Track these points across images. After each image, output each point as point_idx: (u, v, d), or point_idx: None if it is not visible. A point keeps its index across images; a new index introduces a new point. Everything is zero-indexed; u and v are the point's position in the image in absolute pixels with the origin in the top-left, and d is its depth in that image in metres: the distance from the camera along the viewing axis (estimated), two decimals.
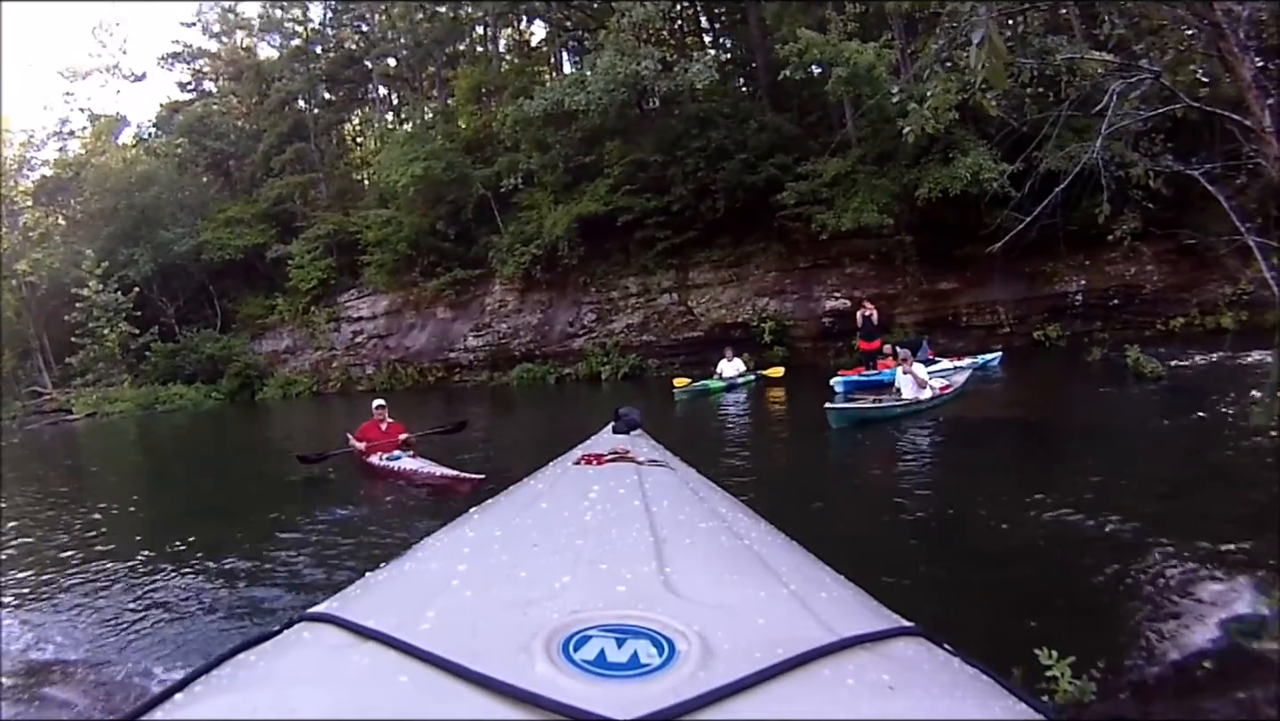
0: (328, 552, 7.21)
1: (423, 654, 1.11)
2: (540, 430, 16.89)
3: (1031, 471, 8.13)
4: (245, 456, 17.24)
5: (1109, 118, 5.46)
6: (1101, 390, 12.97)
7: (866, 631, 1.25)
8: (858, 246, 21.48)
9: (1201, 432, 8.99)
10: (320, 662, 1.19)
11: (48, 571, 7.51)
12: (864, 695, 1.06)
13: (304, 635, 1.31)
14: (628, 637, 1.14)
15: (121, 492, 13.59)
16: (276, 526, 8.42)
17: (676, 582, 1.39)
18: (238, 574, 6.78)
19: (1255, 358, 13.18)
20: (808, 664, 1.08)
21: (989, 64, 2.61)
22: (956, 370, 14.63)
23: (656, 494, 2.15)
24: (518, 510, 2.10)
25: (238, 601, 6.05)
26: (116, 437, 26.28)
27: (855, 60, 18.23)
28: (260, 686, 1.13)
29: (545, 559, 1.58)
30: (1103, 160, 7.92)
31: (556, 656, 1.10)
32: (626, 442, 3.21)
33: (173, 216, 37.74)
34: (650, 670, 1.06)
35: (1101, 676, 3.37)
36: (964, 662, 1.26)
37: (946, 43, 6.61)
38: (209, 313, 38.28)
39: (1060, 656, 3.23)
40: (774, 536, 1.99)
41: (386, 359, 31.89)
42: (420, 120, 35.06)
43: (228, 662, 1.21)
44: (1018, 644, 3.41)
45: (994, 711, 1.13)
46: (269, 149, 38.62)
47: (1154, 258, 19.04)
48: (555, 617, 1.22)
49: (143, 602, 6.18)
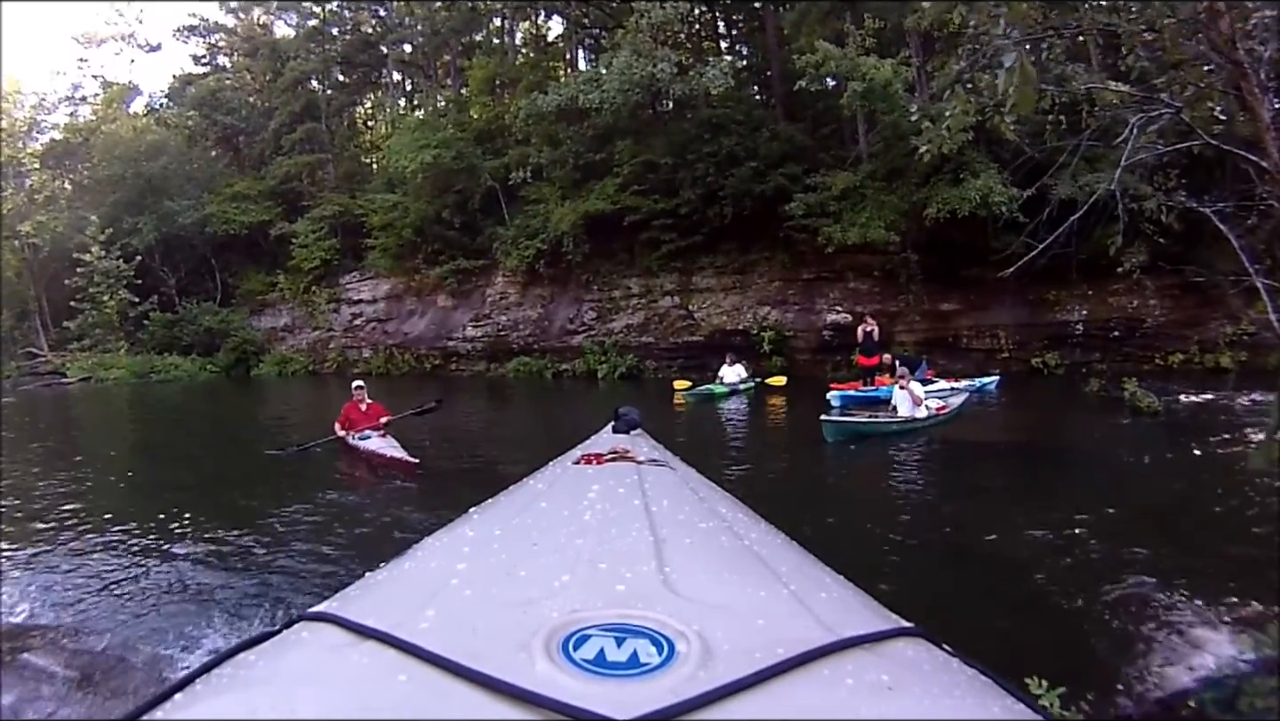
0: (308, 531, 7.29)
1: (423, 653, 1.11)
2: (534, 425, 16.95)
3: (1023, 498, 8.11)
4: (237, 431, 17.19)
5: (1129, 149, 5.45)
6: (1098, 421, 12.95)
7: (866, 631, 1.25)
8: (862, 261, 21.44)
9: (1196, 471, 8.99)
10: (320, 662, 1.19)
11: (33, 535, 7.51)
12: (863, 695, 1.06)
13: (304, 634, 1.31)
14: (627, 637, 1.14)
15: (111, 459, 13.60)
16: (260, 504, 8.46)
17: (676, 582, 1.39)
18: (221, 549, 6.80)
19: (1252, 400, 13.20)
20: (807, 664, 1.09)
21: (1018, 89, 2.60)
22: (954, 391, 14.63)
23: (656, 493, 2.15)
24: (517, 509, 2.10)
25: (218, 576, 6.07)
26: (110, 403, 26.29)
27: (872, 75, 18.23)
28: (261, 686, 1.13)
29: (545, 558, 1.58)
30: (1119, 192, 7.91)
31: (556, 655, 1.10)
32: (626, 442, 3.20)
33: (179, 188, 37.79)
34: (650, 669, 1.06)
35: (1090, 709, 3.37)
36: (963, 663, 1.27)
37: (969, 64, 6.59)
38: (210, 286, 38.36)
39: (1050, 686, 3.22)
40: (774, 536, 1.99)
41: (384, 343, 31.94)
42: (433, 108, 35.10)
43: (228, 662, 1.21)
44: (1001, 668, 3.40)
45: (993, 712, 1.13)
46: (280, 127, 38.66)
47: (1157, 292, 19.01)
48: (555, 617, 1.22)
49: (127, 572, 6.17)
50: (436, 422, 12.75)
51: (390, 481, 9.66)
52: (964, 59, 7.12)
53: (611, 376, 24.28)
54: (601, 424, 3.92)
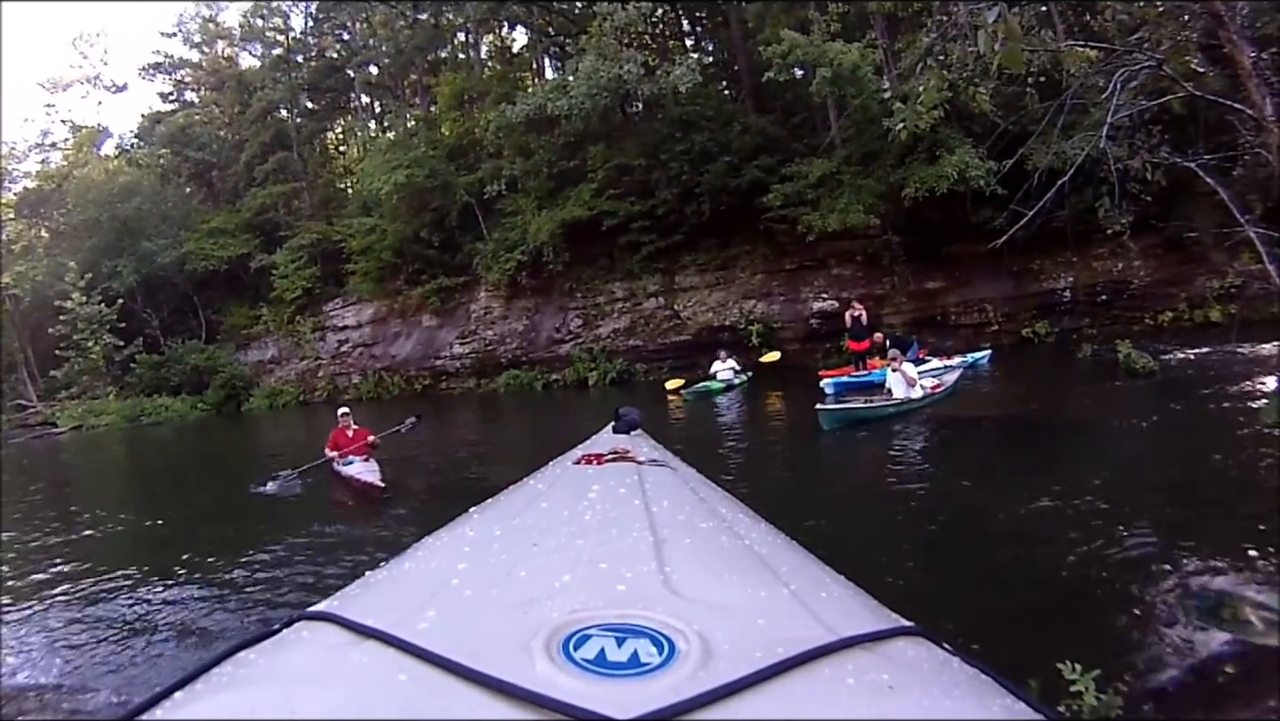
0: (305, 566, 7.21)
1: (423, 652, 1.12)
2: (528, 437, 16.88)
3: (1027, 472, 8.05)
4: (229, 469, 17.08)
5: (1112, 107, 5.39)
6: (1094, 386, 12.96)
7: (866, 631, 1.25)
8: (844, 247, 21.50)
9: (1198, 429, 8.98)
10: (320, 661, 1.20)
11: (28, 591, 7.41)
12: (864, 695, 1.06)
13: (304, 633, 1.31)
14: (628, 637, 1.15)
15: (105, 508, 13.43)
16: (252, 539, 8.38)
17: (677, 582, 1.40)
18: (220, 593, 6.71)
19: (1246, 351, 13.20)
20: (807, 663, 1.09)
21: (1004, 46, 2.52)
22: (947, 369, 14.66)
23: (657, 493, 2.15)
24: (518, 509, 2.11)
25: (219, 624, 5.97)
26: (102, 451, 26.15)
27: (839, 61, 18.29)
28: (260, 684, 1.13)
29: (545, 558, 1.59)
30: (1108, 153, 7.87)
31: (557, 655, 1.10)
32: (626, 442, 3.20)
33: (156, 228, 37.69)
34: (650, 669, 1.06)
35: (1125, 688, 3.28)
36: (964, 662, 1.26)
37: (939, 35, 6.52)
38: (194, 324, 38.21)
39: (1084, 670, 3.14)
40: (774, 536, 1.99)
41: (373, 367, 31.84)
42: (403, 128, 35.07)
43: (228, 661, 1.21)
44: (1028, 652, 3.32)
45: (994, 711, 1.12)
46: (251, 158, 38.57)
47: (1141, 253, 19.08)
48: (555, 616, 1.23)
49: (124, 627, 6.10)
50: (429, 440, 12.74)
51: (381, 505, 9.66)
52: (933, 31, 7.04)
53: (602, 383, 24.26)
54: (593, 432, 3.87)
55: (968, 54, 6.24)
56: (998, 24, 2.54)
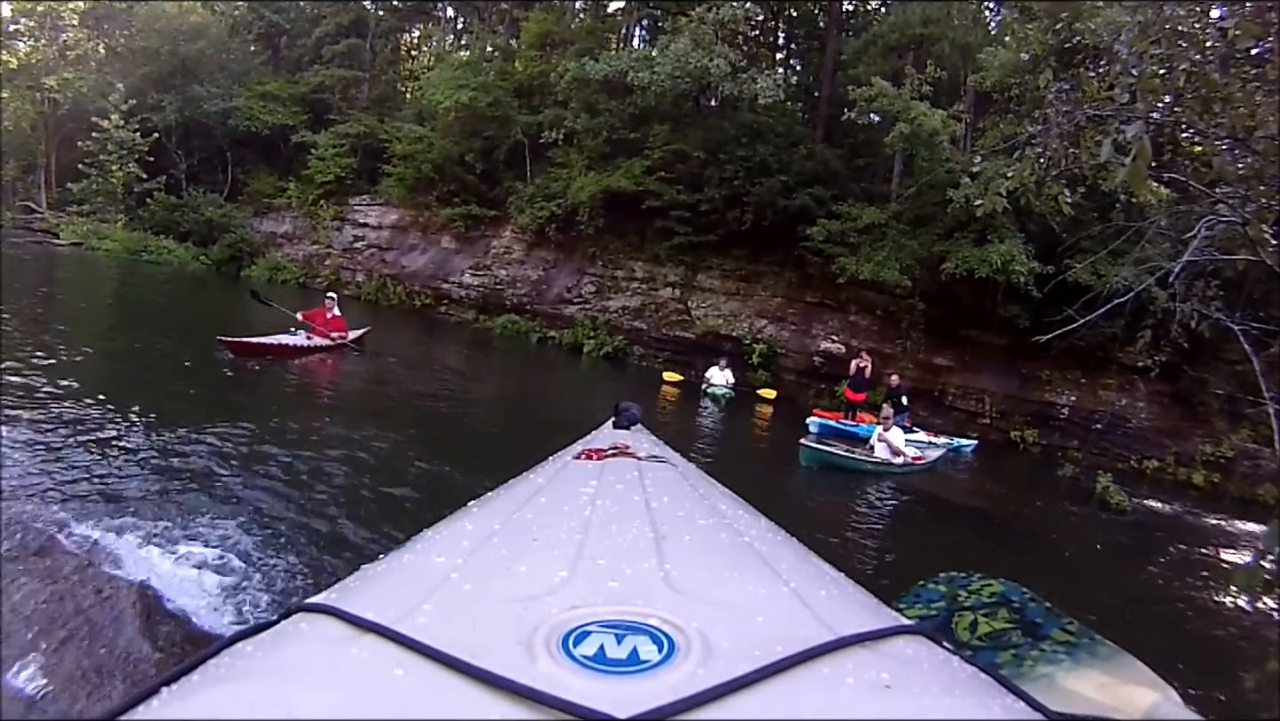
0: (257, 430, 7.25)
1: (421, 647, 1.10)
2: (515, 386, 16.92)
3: (977, 562, 8.10)
4: (217, 326, 17.12)
5: (1189, 250, 5.40)
6: (1067, 507, 13.01)
7: (866, 630, 1.24)
8: (869, 298, 21.51)
9: (1158, 575, 9.07)
10: (318, 654, 1.18)
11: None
12: (863, 693, 1.05)
13: (301, 626, 1.30)
14: (627, 634, 1.13)
15: (88, 331, 13.49)
16: (225, 400, 8.43)
17: (677, 579, 1.37)
18: (180, 439, 6.73)
19: (1223, 521, 13.38)
20: (807, 661, 1.08)
21: (1133, 165, 2.51)
22: (932, 445, 14.71)
23: (657, 490, 2.14)
24: (517, 504, 2.07)
25: (169, 465, 6.01)
26: (95, 272, 26.10)
27: (921, 121, 18.26)
28: (257, 678, 1.12)
29: (545, 553, 1.57)
30: (1180, 290, 7.92)
31: (556, 652, 1.08)
32: (627, 438, 3.18)
33: (211, 75, 37.34)
34: (650, 666, 1.05)
35: None
36: (964, 661, 1.26)
37: (1045, 127, 6.48)
38: (220, 178, 37.95)
39: None
40: (774, 534, 1.99)
41: (380, 271, 31.71)
42: (480, 50, 34.65)
43: (224, 653, 1.20)
44: None
45: (993, 710, 1.12)
46: (324, 36, 38.21)
47: (1148, 395, 19.11)
48: (555, 613, 1.21)
49: (77, 448, 6.11)
50: (413, 358, 12.99)
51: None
52: (1040, 122, 7.01)
53: (596, 354, 24.12)
54: (578, 421, 3.91)
55: (1065, 154, 6.21)
56: (1136, 142, 2.53)
